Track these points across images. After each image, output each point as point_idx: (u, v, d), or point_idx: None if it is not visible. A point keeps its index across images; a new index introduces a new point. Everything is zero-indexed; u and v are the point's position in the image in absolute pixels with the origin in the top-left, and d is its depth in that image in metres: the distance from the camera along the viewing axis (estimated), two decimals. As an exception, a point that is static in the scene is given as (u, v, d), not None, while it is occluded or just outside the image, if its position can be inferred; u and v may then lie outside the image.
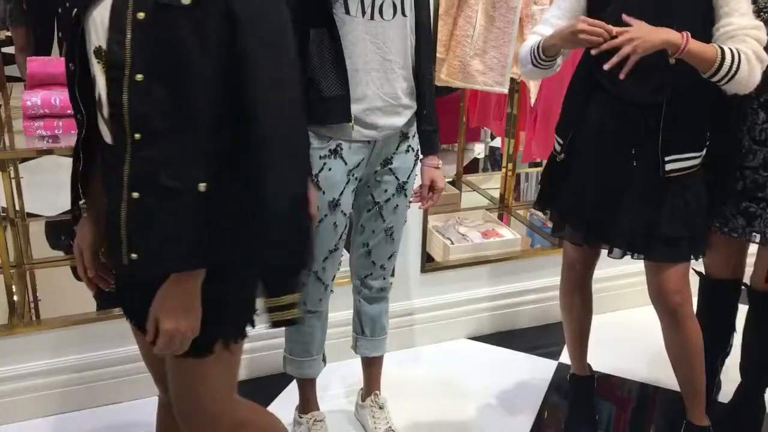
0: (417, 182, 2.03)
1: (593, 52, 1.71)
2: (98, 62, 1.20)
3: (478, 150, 4.41)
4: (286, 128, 1.21)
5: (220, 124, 1.18)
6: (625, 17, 1.71)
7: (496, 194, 3.50)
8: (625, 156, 1.90)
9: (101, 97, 1.21)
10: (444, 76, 2.68)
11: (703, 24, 1.76)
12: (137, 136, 1.16)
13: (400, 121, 1.86)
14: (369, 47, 1.76)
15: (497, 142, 3.92)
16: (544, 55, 1.86)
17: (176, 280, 1.21)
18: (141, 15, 1.13)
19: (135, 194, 1.18)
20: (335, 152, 1.82)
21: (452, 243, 2.88)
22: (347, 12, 1.72)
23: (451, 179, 3.61)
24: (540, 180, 2.21)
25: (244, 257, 1.23)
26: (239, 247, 1.21)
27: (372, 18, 1.74)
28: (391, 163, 1.92)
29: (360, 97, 1.78)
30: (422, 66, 1.89)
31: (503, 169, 3.37)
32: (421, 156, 2.00)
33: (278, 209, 1.20)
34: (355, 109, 1.78)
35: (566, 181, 2.02)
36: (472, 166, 4.29)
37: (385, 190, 1.95)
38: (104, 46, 1.17)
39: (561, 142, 2.03)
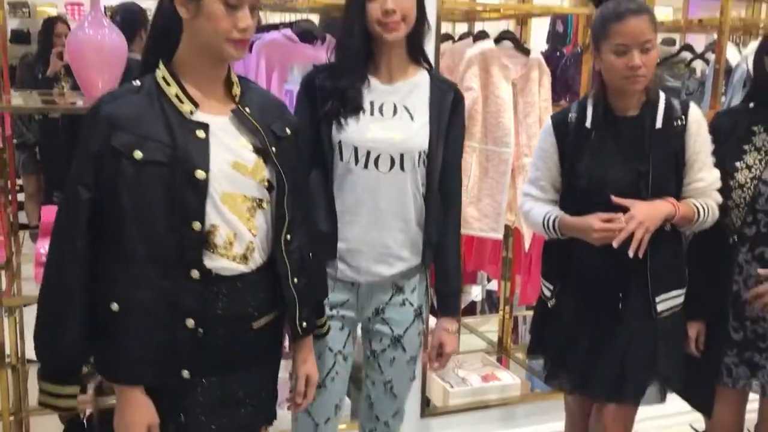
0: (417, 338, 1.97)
1: (615, 245, 1.78)
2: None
3: (475, 292, 4.45)
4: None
5: None
6: (615, 199, 1.82)
7: (494, 337, 3.51)
8: (612, 300, 1.92)
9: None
10: (441, 223, 2.78)
11: (675, 170, 1.89)
12: (288, 237, 1.56)
13: (388, 270, 1.85)
14: (360, 194, 1.80)
15: (494, 285, 3.98)
16: (562, 233, 1.94)
17: None
18: (274, 149, 1.53)
19: (296, 279, 1.59)
20: None
21: (452, 387, 2.87)
22: (341, 158, 1.80)
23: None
24: (531, 326, 2.21)
25: None
26: None
27: (366, 167, 1.79)
28: (384, 314, 1.90)
29: (345, 238, 1.83)
30: (444, 227, 1.90)
31: (500, 312, 3.41)
32: (424, 313, 1.96)
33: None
34: (341, 247, 1.83)
35: (556, 326, 2.04)
36: (470, 309, 4.32)
37: (380, 340, 1.93)
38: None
39: (550, 287, 2.05)
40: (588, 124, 1.92)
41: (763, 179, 1.96)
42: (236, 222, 1.45)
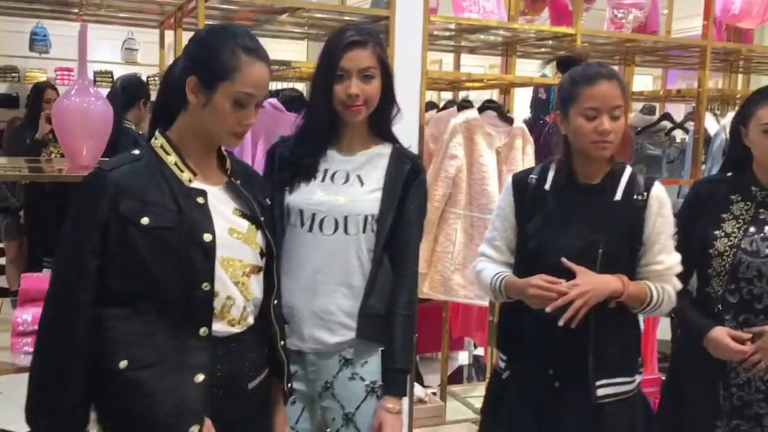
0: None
1: (548, 309, 1.71)
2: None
3: (462, 358, 4.41)
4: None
5: None
6: (564, 261, 1.75)
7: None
8: (551, 376, 1.83)
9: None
10: (426, 290, 2.77)
11: (629, 246, 1.81)
12: (275, 301, 1.63)
13: (331, 338, 1.79)
14: (303, 256, 1.77)
15: (481, 350, 3.94)
16: (509, 297, 1.87)
17: None
18: (263, 218, 1.60)
19: (282, 342, 1.66)
20: None
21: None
22: (289, 222, 1.81)
23: (435, 390, 3.58)
24: (484, 400, 2.05)
25: None
26: None
27: (311, 230, 1.79)
28: (333, 389, 1.82)
29: (288, 302, 1.78)
30: (393, 300, 1.81)
31: (487, 379, 3.36)
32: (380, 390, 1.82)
33: None
34: (286, 312, 1.76)
35: (506, 402, 1.93)
36: (457, 375, 4.26)
37: (333, 419, 1.83)
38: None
39: (503, 358, 1.95)
40: (547, 186, 1.88)
41: (742, 247, 1.95)
42: (233, 286, 1.49)
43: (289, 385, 1.66)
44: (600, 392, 1.80)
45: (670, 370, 2.24)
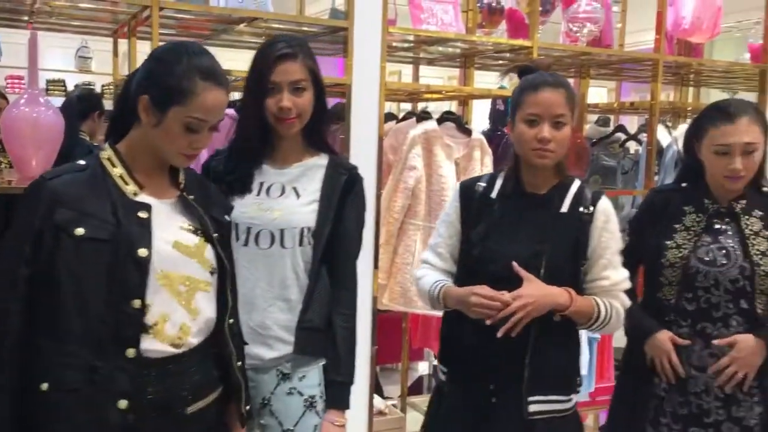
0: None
1: (488, 322, 1.68)
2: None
3: (423, 368, 4.41)
4: None
5: None
6: (515, 266, 1.72)
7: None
8: (486, 390, 1.79)
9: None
10: (386, 301, 2.76)
11: (573, 259, 1.79)
12: (231, 321, 1.60)
13: (268, 353, 1.76)
14: (240, 272, 1.71)
15: (440, 362, 3.94)
16: (447, 306, 1.84)
17: None
18: (216, 235, 1.55)
19: (239, 363, 1.61)
20: None
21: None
22: None
23: (395, 402, 3.57)
24: (426, 414, 2.00)
25: None
26: None
27: (246, 244, 1.76)
28: (271, 404, 1.78)
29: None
30: (334, 311, 1.80)
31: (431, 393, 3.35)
32: (318, 406, 1.80)
33: None
34: None
35: (444, 417, 1.89)
36: (417, 386, 4.25)
37: None
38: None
39: (444, 370, 1.91)
40: (494, 194, 1.85)
41: (698, 256, 1.97)
42: (172, 303, 1.43)
43: (248, 407, 1.61)
44: (532, 408, 1.76)
45: (622, 375, 2.25)
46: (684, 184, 2.11)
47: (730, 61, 3.63)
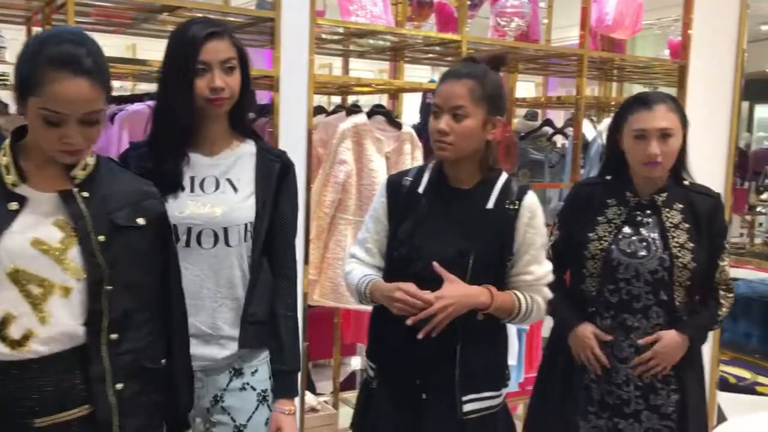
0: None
1: (409, 322, 1.67)
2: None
3: (355, 363, 4.39)
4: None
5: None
6: (435, 266, 1.70)
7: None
8: (416, 390, 1.78)
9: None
10: (317, 297, 2.73)
11: (500, 254, 1.78)
12: (114, 336, 1.42)
13: (220, 353, 1.74)
14: (183, 274, 1.67)
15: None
16: (374, 301, 1.82)
17: None
18: (101, 238, 1.40)
19: (119, 385, 1.42)
20: None
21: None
22: None
23: (327, 398, 3.54)
24: (354, 412, 2.00)
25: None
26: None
27: (188, 245, 1.70)
28: (223, 401, 1.76)
29: None
30: (276, 302, 1.78)
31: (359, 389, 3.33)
32: (270, 398, 1.80)
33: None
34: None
35: (372, 413, 1.87)
36: (350, 381, 4.23)
37: None
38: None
39: (373, 366, 1.88)
40: (420, 189, 1.82)
41: (620, 248, 2.01)
42: (20, 303, 1.34)
43: None
44: (467, 407, 1.77)
45: (543, 366, 2.28)
46: (608, 177, 2.14)
47: (651, 57, 3.74)
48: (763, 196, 6.31)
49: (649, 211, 2.05)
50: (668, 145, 1.97)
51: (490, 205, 1.78)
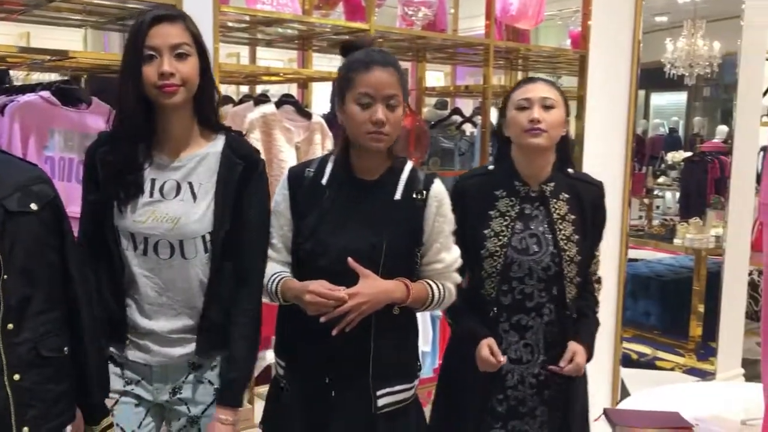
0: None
1: (323, 319, 1.64)
2: None
3: (270, 357, 4.33)
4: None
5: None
6: (351, 263, 1.67)
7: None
8: (326, 388, 1.76)
9: None
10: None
11: (410, 245, 1.77)
12: (10, 326, 1.38)
13: (178, 351, 1.73)
14: (143, 281, 1.69)
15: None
16: (285, 300, 1.76)
17: None
18: None
19: (16, 376, 1.39)
20: (113, 360, 1.74)
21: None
22: (119, 244, 1.69)
23: (243, 393, 3.48)
24: (263, 411, 1.93)
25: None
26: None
27: (145, 254, 1.68)
28: (181, 393, 1.76)
29: (133, 324, 1.72)
30: (233, 310, 1.72)
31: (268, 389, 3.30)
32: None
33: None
34: (130, 332, 1.72)
35: (282, 412, 1.84)
36: (265, 375, 4.17)
37: (178, 419, 1.79)
38: None
39: (282, 365, 1.85)
40: (324, 181, 1.78)
41: (512, 245, 1.93)
42: None
43: (25, 429, 1.43)
44: (381, 402, 1.76)
45: (440, 381, 2.16)
46: (490, 168, 2.07)
47: (554, 47, 3.85)
48: (660, 180, 6.62)
49: (537, 203, 1.96)
50: (551, 115, 1.90)
51: (398, 196, 1.76)
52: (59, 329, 1.51)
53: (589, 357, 1.99)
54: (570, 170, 2.03)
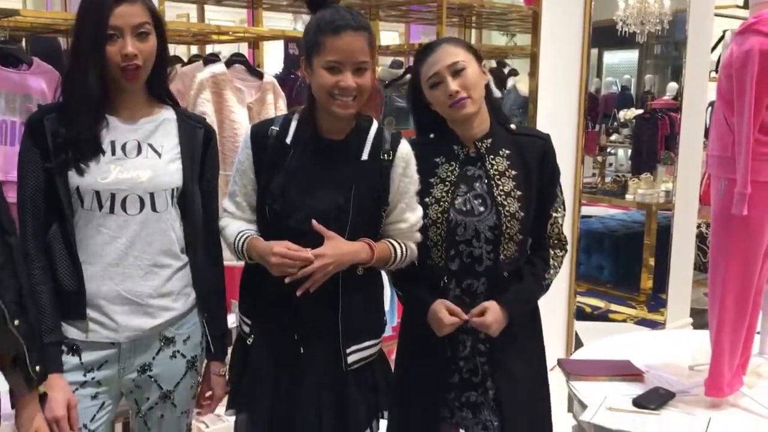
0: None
1: (287, 280, 1.64)
2: None
3: (231, 321, 4.32)
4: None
5: None
6: (315, 225, 1.67)
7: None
8: (294, 345, 1.76)
9: None
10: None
11: (376, 206, 1.77)
12: None
13: (149, 323, 1.69)
14: (108, 241, 1.64)
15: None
16: (251, 258, 1.75)
17: None
18: None
19: None
20: (71, 348, 1.66)
21: (207, 426, 2.72)
22: (82, 206, 1.63)
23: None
24: (230, 371, 1.89)
25: None
26: None
27: (112, 212, 1.64)
28: (151, 370, 1.73)
29: (95, 294, 1.65)
30: (203, 265, 1.78)
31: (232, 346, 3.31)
32: (198, 364, 1.81)
33: None
34: (91, 305, 1.65)
35: (249, 369, 1.83)
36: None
37: (147, 398, 1.76)
38: None
39: (248, 323, 1.84)
40: (288, 140, 1.76)
41: (456, 208, 1.85)
42: None
43: (38, 367, 1.48)
44: (351, 359, 1.78)
45: (398, 356, 2.06)
46: (431, 136, 1.94)
47: (507, 4, 3.83)
48: (613, 138, 6.71)
49: (479, 163, 1.88)
50: (465, 78, 1.80)
51: (365, 156, 1.76)
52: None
53: (511, 321, 1.85)
54: (512, 126, 1.94)
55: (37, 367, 1.49)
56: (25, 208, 1.64)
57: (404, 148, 1.80)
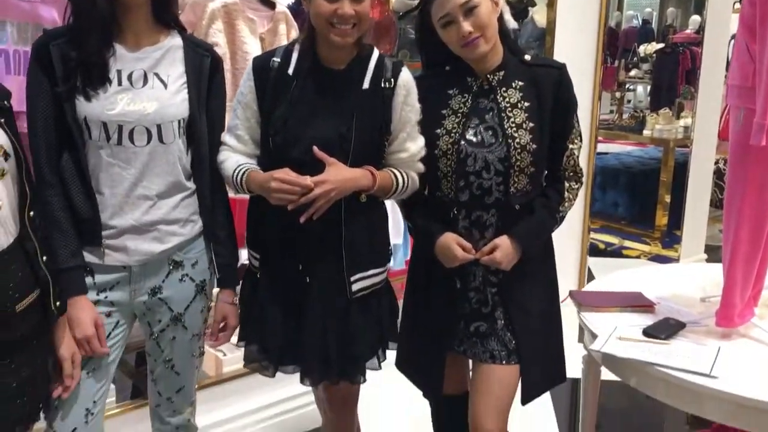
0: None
1: (290, 207, 1.67)
2: None
3: (245, 256, 4.37)
4: None
5: None
6: (316, 151, 1.68)
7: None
8: (300, 275, 1.80)
9: None
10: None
11: (378, 134, 1.77)
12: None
13: (160, 247, 1.73)
14: (117, 172, 1.66)
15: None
16: (249, 190, 1.77)
17: None
18: None
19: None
20: (85, 269, 1.71)
21: (225, 355, 2.79)
22: (90, 136, 1.65)
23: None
24: (240, 303, 1.94)
25: None
26: None
27: (120, 143, 1.65)
28: (161, 293, 1.77)
29: (107, 221, 1.69)
30: (209, 194, 1.80)
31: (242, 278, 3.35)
32: (207, 288, 1.84)
33: None
34: (105, 232, 1.69)
35: (258, 299, 1.87)
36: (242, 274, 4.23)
37: (159, 320, 1.80)
38: None
39: (257, 256, 1.87)
40: (291, 71, 1.76)
41: (467, 139, 1.83)
42: None
43: (58, 303, 1.54)
44: (355, 287, 1.81)
45: (407, 287, 2.09)
46: (447, 68, 1.91)
47: (526, -68, 3.71)
48: (632, 73, 6.59)
49: (492, 95, 1.85)
50: (477, 17, 1.75)
51: (366, 85, 1.75)
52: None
53: (525, 254, 1.85)
54: (527, 57, 1.89)
55: (58, 303, 1.54)
56: (37, 135, 1.64)
57: (405, 76, 1.79)
